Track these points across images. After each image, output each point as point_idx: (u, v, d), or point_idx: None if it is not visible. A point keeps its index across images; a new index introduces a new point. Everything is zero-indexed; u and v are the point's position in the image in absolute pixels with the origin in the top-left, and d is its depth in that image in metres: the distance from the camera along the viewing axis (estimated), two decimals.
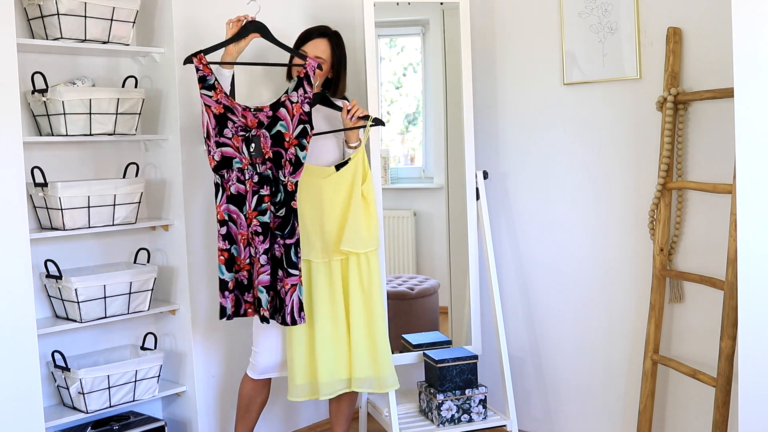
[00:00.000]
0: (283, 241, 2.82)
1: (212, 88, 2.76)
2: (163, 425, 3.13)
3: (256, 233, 2.81)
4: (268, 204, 2.82)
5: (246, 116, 2.80)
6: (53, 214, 2.89)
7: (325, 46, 3.09)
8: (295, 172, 2.80)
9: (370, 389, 3.00)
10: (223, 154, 2.79)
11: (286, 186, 2.81)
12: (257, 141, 2.80)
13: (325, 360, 2.92)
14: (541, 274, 3.48)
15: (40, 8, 2.85)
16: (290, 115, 2.80)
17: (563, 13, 3.27)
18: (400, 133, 4.20)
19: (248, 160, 2.80)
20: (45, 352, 2.96)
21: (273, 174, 2.82)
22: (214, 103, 2.77)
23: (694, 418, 3.04)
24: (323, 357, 2.92)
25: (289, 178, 2.80)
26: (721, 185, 2.78)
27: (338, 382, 2.95)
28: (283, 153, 2.80)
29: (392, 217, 3.98)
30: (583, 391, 3.38)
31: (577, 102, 3.30)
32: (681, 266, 3.05)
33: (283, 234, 2.81)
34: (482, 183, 3.42)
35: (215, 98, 2.76)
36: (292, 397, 2.96)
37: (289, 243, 2.81)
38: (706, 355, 2.97)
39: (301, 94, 2.80)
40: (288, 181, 2.80)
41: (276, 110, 2.80)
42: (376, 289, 2.99)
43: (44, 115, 2.91)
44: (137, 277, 3.07)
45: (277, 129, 2.80)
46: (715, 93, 2.79)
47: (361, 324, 2.96)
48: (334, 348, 2.94)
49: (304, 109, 2.80)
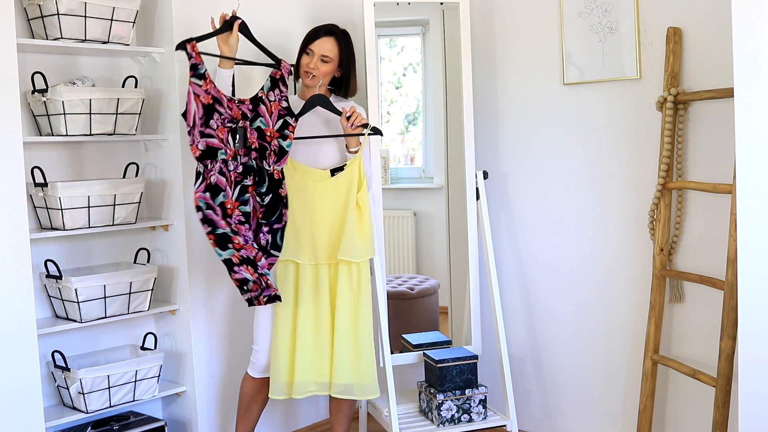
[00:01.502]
0: (270, 227, 2.86)
1: (203, 77, 2.76)
2: (163, 425, 3.13)
3: (240, 222, 2.82)
4: (252, 193, 2.84)
5: (231, 107, 2.83)
6: (53, 214, 2.89)
7: (331, 44, 3.08)
8: (280, 160, 2.87)
9: (351, 396, 2.99)
10: (208, 145, 2.78)
11: (272, 174, 2.86)
12: (242, 132, 2.83)
13: (303, 360, 2.93)
14: (541, 273, 3.48)
15: (40, 8, 2.85)
16: (269, 113, 2.87)
17: (563, 13, 3.27)
18: (400, 133, 4.20)
19: (233, 152, 2.82)
20: (45, 352, 2.96)
21: (257, 164, 2.86)
22: (203, 92, 2.76)
23: (694, 418, 3.04)
24: (301, 357, 2.93)
25: (274, 166, 2.86)
26: (721, 185, 2.78)
27: (310, 383, 2.96)
28: (267, 146, 2.86)
29: (392, 217, 3.98)
30: (583, 391, 3.38)
31: (577, 102, 3.30)
32: (681, 266, 3.05)
33: (271, 220, 2.86)
34: (482, 183, 3.42)
35: (205, 88, 2.76)
36: (272, 395, 2.97)
37: (276, 228, 2.88)
38: (706, 355, 2.97)
39: (277, 94, 2.89)
40: (273, 170, 2.87)
41: (256, 106, 2.87)
42: (364, 298, 2.99)
43: (44, 115, 2.91)
44: (137, 277, 3.07)
45: (258, 125, 2.86)
46: (715, 93, 2.79)
47: (347, 331, 2.96)
48: (313, 350, 2.95)
49: (282, 105, 2.89)
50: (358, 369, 2.97)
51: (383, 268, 3.27)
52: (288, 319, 2.96)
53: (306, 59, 3.08)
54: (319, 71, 3.05)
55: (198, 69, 2.75)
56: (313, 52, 3.06)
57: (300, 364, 2.93)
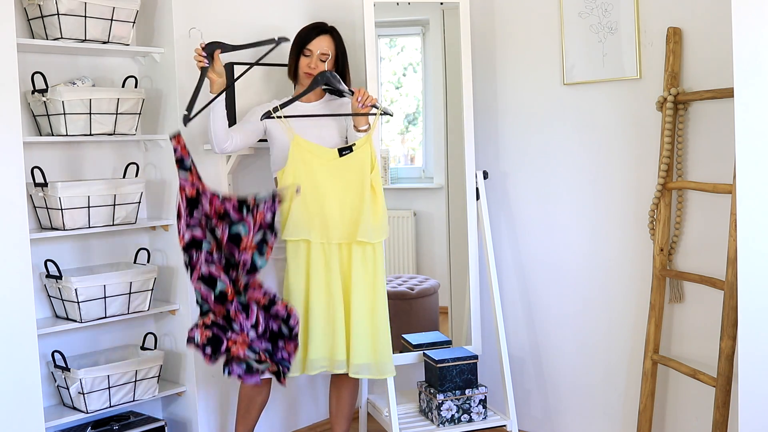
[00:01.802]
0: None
1: (188, 170, 2.72)
2: (163, 425, 3.13)
3: (237, 310, 2.73)
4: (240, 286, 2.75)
5: (213, 203, 2.72)
6: (53, 214, 2.89)
7: (328, 42, 3.10)
8: (249, 275, 2.71)
9: (369, 375, 2.98)
10: (193, 236, 2.72)
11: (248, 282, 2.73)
12: (216, 231, 2.72)
13: (316, 338, 2.91)
14: (541, 273, 3.48)
15: (40, 8, 2.85)
16: (253, 221, 2.70)
17: (563, 13, 3.27)
18: (400, 133, 4.20)
19: (216, 244, 2.72)
20: (45, 352, 2.96)
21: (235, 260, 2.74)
22: (189, 185, 2.71)
23: (694, 418, 3.04)
24: (314, 335, 2.91)
25: (242, 278, 2.72)
26: (721, 185, 2.78)
27: (324, 359, 2.93)
28: (236, 254, 2.70)
29: (392, 217, 3.98)
30: (583, 391, 3.38)
31: (577, 102, 3.30)
32: (681, 266, 3.05)
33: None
34: (482, 183, 3.42)
35: (190, 180, 2.72)
36: None
37: None
38: (706, 355, 2.97)
39: (269, 204, 2.70)
40: (241, 282, 2.72)
41: (241, 210, 2.71)
42: (380, 280, 2.99)
43: (44, 115, 2.91)
44: (137, 277, 3.07)
45: (237, 231, 2.70)
46: (715, 93, 2.79)
47: (365, 312, 2.96)
48: (325, 328, 2.93)
49: (267, 217, 2.70)
50: (376, 349, 2.97)
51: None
52: (300, 297, 2.93)
53: (305, 60, 3.08)
54: (320, 69, 3.06)
55: (184, 163, 2.71)
56: (312, 52, 3.07)
57: (313, 343, 2.92)
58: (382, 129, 3.63)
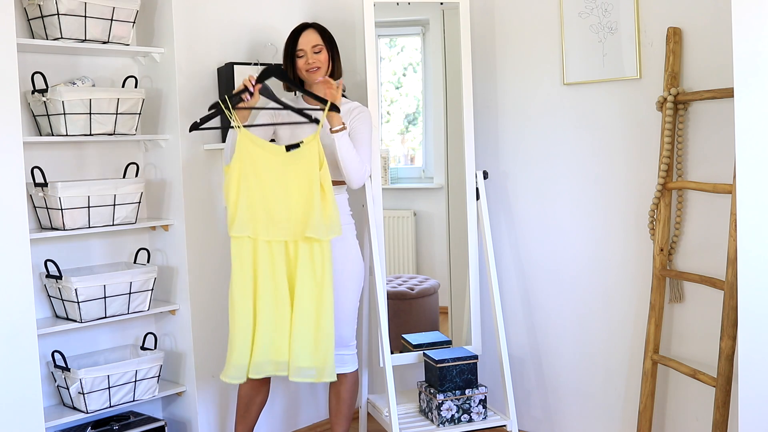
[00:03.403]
0: None
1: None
2: (163, 425, 3.13)
3: None
4: None
5: None
6: (53, 214, 2.89)
7: (314, 34, 3.09)
8: None
9: (309, 379, 2.90)
10: None
11: None
12: None
13: (262, 339, 2.85)
14: (541, 273, 3.48)
15: (40, 8, 2.85)
16: None
17: (563, 13, 3.27)
18: (400, 133, 4.20)
19: None
20: (45, 352, 2.96)
21: None
22: None
23: (694, 418, 3.04)
24: (260, 336, 2.85)
25: None
26: (721, 185, 2.78)
27: (269, 363, 2.87)
28: None
29: (392, 217, 3.98)
30: (583, 391, 3.38)
31: (577, 102, 3.30)
32: (681, 266, 3.05)
33: None
34: (482, 183, 3.42)
35: None
36: (224, 377, 2.86)
37: None
38: (706, 355, 2.97)
39: None
40: None
41: None
42: (328, 279, 2.89)
43: (44, 115, 2.91)
44: (137, 277, 3.07)
45: None
46: (715, 93, 2.79)
47: (310, 313, 2.87)
48: (273, 328, 2.87)
49: None
50: (317, 353, 2.88)
51: (383, 268, 3.27)
52: (248, 297, 2.87)
53: (301, 61, 3.08)
54: (319, 61, 3.06)
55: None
56: (304, 50, 3.07)
57: (258, 344, 2.85)
58: (382, 129, 3.62)
